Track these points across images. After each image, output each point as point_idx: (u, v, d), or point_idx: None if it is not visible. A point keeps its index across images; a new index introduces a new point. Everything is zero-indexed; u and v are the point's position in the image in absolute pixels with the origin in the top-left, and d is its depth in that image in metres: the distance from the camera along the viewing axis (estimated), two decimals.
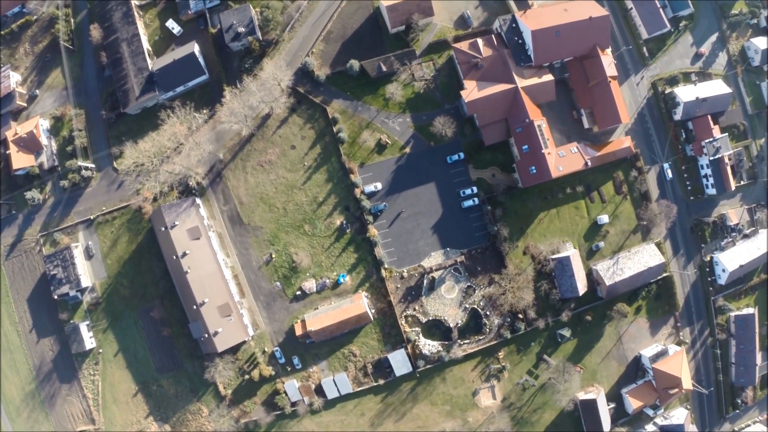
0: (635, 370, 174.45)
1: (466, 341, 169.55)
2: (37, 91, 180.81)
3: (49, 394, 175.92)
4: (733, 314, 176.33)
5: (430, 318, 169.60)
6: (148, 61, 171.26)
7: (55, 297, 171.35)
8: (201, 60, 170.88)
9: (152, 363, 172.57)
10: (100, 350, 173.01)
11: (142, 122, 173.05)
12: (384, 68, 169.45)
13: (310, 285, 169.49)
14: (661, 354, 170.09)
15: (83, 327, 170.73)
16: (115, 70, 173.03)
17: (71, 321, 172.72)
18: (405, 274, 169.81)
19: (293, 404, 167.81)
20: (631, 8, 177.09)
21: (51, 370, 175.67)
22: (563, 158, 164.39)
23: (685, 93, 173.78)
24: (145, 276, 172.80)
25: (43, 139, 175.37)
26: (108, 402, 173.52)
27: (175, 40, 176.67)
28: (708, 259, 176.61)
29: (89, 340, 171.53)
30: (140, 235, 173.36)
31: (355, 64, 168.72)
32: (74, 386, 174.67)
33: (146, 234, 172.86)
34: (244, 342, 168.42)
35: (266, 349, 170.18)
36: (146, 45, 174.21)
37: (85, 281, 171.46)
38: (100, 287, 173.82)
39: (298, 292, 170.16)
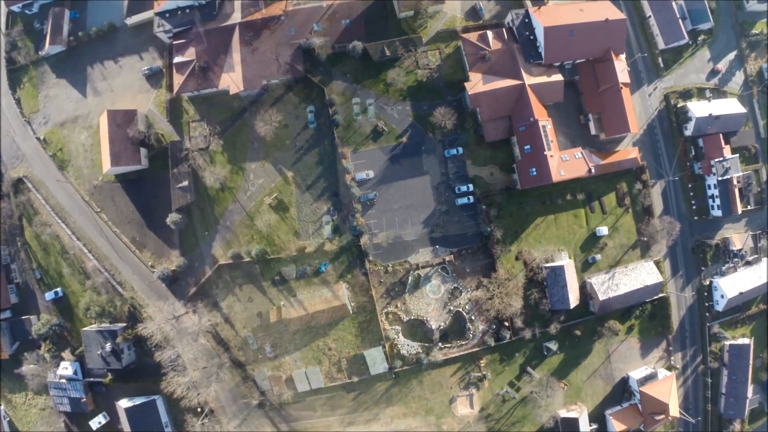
0: (622, 391, 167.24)
1: (447, 345, 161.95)
2: None
3: None
4: (727, 343, 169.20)
5: (412, 317, 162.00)
6: None
7: None
8: None
9: None
10: None
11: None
12: (388, 52, 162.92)
13: (289, 271, 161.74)
14: (650, 377, 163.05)
15: None
16: None
17: None
18: (390, 269, 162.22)
19: (261, 393, 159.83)
20: (650, 16, 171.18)
21: None
22: (566, 163, 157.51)
23: (698, 108, 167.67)
24: None
25: None
26: None
27: None
28: (707, 283, 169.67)
29: None
30: None
31: (358, 45, 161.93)
32: None
33: None
34: None
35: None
36: None
37: None
38: None
39: (277, 277, 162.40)
